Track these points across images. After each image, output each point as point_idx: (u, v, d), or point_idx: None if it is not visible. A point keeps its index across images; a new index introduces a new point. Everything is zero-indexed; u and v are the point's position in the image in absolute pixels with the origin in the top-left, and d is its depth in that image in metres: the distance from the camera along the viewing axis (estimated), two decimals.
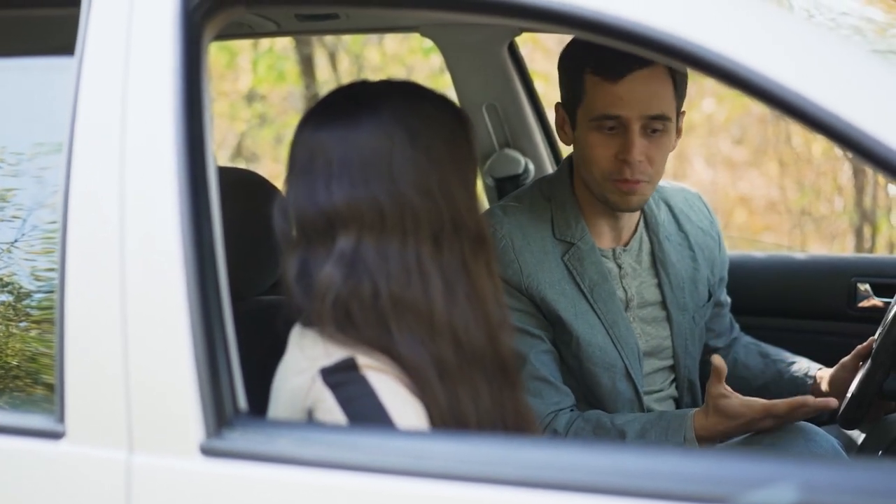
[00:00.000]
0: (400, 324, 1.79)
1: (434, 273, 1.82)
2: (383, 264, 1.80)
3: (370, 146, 1.83)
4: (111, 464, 1.77)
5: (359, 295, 1.79)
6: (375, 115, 1.85)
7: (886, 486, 1.47)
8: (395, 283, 1.79)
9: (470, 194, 1.90)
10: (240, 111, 10.11)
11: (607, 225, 2.70)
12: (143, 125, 1.81)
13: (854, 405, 2.60)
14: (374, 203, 1.81)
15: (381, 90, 1.92)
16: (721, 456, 1.64)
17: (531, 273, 2.60)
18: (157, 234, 1.78)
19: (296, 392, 1.79)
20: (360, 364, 1.77)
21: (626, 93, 2.51)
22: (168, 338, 1.76)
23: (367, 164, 1.82)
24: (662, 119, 2.53)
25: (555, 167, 3.77)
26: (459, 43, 3.59)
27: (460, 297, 1.83)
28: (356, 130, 1.84)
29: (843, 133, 1.53)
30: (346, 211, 1.81)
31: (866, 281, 3.44)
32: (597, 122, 2.54)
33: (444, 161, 1.86)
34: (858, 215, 9.56)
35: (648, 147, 2.53)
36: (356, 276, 1.79)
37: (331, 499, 1.68)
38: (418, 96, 1.92)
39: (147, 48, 1.83)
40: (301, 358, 1.82)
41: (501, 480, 1.60)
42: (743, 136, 11.12)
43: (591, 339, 2.62)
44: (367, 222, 1.80)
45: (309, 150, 1.87)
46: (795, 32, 1.62)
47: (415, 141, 1.84)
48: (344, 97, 1.92)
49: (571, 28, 1.72)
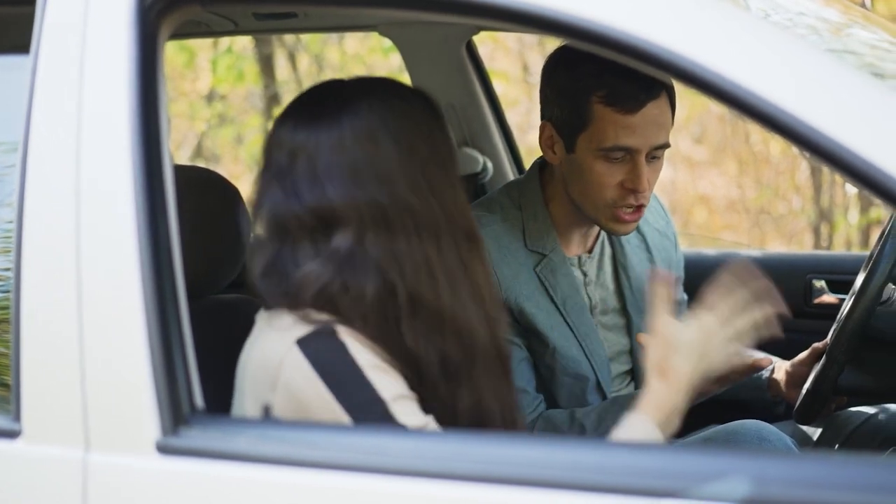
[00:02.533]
0: (412, 322, 1.80)
1: (439, 270, 1.83)
2: (395, 263, 1.81)
3: (354, 148, 1.83)
4: (67, 462, 1.77)
5: (359, 292, 1.79)
6: (356, 116, 1.85)
7: (838, 479, 1.49)
8: (409, 281, 1.81)
9: (456, 190, 1.91)
10: (199, 111, 10.09)
11: (578, 234, 2.70)
12: (98, 123, 1.80)
13: (809, 400, 2.62)
14: (373, 203, 1.81)
15: (358, 89, 1.91)
16: (674, 450, 1.65)
17: (509, 286, 2.59)
18: (114, 233, 1.77)
19: (267, 365, 1.79)
20: (338, 330, 1.78)
21: (640, 125, 2.48)
22: (124, 336, 1.75)
23: (354, 166, 1.82)
24: (664, 147, 2.53)
25: (513, 166, 3.79)
26: (418, 42, 3.60)
27: (462, 292, 1.85)
28: (338, 132, 1.84)
29: (801, 134, 1.54)
30: (341, 210, 1.81)
31: (822, 278, 3.47)
32: (606, 152, 2.50)
33: (426, 159, 1.87)
34: (816, 214, 9.63)
35: (650, 173, 2.53)
36: (353, 273, 1.80)
37: (289, 496, 1.68)
38: (394, 93, 1.92)
39: (102, 46, 1.82)
40: (271, 332, 1.82)
41: (460, 476, 1.61)
42: (702, 136, 11.17)
43: (565, 352, 2.62)
44: (369, 222, 1.81)
45: (288, 151, 1.86)
46: (751, 31, 1.63)
47: (398, 141, 1.85)
48: (321, 96, 1.92)
49: (528, 27, 1.73)
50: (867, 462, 1.56)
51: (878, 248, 2.53)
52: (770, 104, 1.55)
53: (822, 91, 1.56)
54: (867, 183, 1.52)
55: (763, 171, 10.54)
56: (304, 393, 1.76)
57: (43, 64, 1.85)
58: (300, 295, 1.81)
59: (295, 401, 1.77)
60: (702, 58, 1.58)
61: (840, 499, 1.46)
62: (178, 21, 1.88)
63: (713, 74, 1.58)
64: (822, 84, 1.57)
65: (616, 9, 1.63)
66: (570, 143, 2.56)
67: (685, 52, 1.59)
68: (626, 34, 1.62)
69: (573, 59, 2.53)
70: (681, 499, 1.50)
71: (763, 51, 1.59)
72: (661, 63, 1.62)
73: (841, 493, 1.47)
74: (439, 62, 3.62)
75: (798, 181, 10.20)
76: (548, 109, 2.61)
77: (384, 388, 1.77)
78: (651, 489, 1.52)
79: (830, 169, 1.55)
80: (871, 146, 1.51)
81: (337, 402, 1.75)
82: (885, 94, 1.58)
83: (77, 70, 1.83)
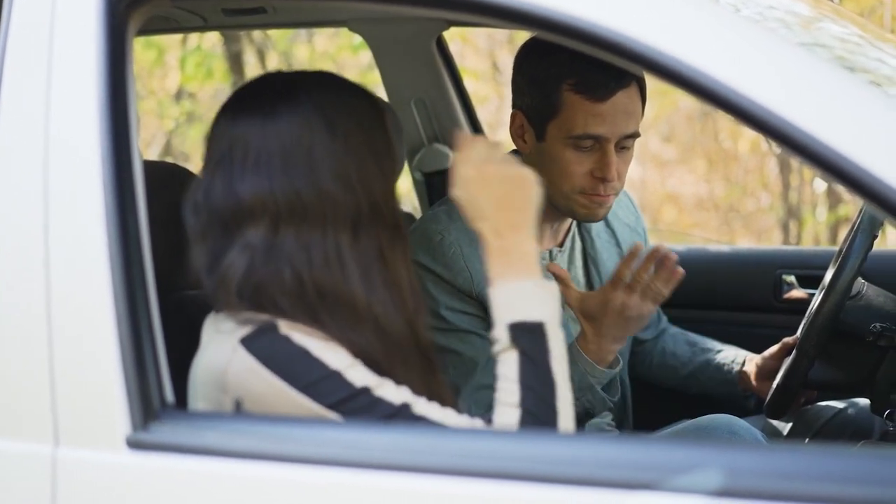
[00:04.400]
0: (327, 312, 1.80)
1: (352, 261, 1.83)
2: (303, 253, 1.81)
3: (289, 136, 1.83)
4: (37, 458, 1.76)
5: (278, 283, 1.80)
6: (293, 105, 1.85)
7: (808, 471, 1.49)
8: (316, 271, 1.80)
9: (387, 182, 1.91)
10: (168, 109, 10.06)
11: (550, 228, 2.70)
12: (66, 118, 1.79)
13: (780, 395, 2.63)
14: (292, 193, 1.81)
15: (297, 80, 1.92)
16: (645, 442, 1.65)
17: (481, 280, 2.58)
18: (83, 228, 1.76)
19: (214, 368, 1.79)
20: (280, 325, 1.78)
21: (609, 113, 2.48)
22: (94, 331, 1.74)
23: (286, 154, 1.83)
24: (634, 136, 2.54)
25: None
26: (388, 38, 3.59)
27: (378, 284, 1.84)
28: (274, 120, 1.85)
29: (774, 126, 1.55)
30: (258, 201, 1.81)
31: (791, 273, 3.48)
32: (575, 139, 2.51)
33: (361, 149, 1.87)
34: (785, 211, 9.68)
35: (619, 163, 2.53)
36: (271, 264, 1.80)
37: (259, 491, 1.67)
38: (334, 85, 1.93)
39: (70, 41, 1.81)
40: (216, 335, 1.83)
41: (431, 469, 1.61)
42: (671, 134, 11.21)
43: None
44: (284, 212, 1.81)
45: (226, 141, 1.86)
46: (722, 25, 1.64)
47: (333, 129, 1.85)
48: (260, 87, 1.93)
49: (501, 20, 1.73)
50: (837, 453, 1.57)
51: (847, 244, 2.54)
52: (741, 96, 1.56)
53: (797, 85, 1.57)
54: (839, 175, 1.53)
55: (732, 169, 10.60)
56: (258, 389, 1.76)
57: (10, 59, 1.84)
58: (226, 287, 1.81)
59: (248, 399, 1.76)
60: (676, 51, 1.59)
61: (812, 490, 1.47)
62: (147, 15, 1.88)
63: (688, 68, 1.58)
64: (798, 78, 1.58)
65: (583, 1, 1.64)
66: (541, 131, 2.56)
67: (659, 45, 1.60)
68: (593, 25, 1.62)
69: (545, 48, 2.53)
70: (653, 491, 1.50)
71: (733, 44, 1.60)
72: (633, 56, 1.62)
73: (812, 485, 1.47)
74: (409, 58, 3.61)
75: (767, 179, 10.25)
76: (519, 98, 2.62)
77: (334, 361, 1.77)
78: (623, 481, 1.52)
79: (804, 164, 1.56)
80: (847, 140, 1.52)
81: (292, 388, 1.74)
82: (859, 88, 1.59)
83: (45, 65, 1.82)
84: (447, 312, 2.53)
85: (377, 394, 1.76)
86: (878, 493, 1.45)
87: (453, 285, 2.55)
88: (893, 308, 2.61)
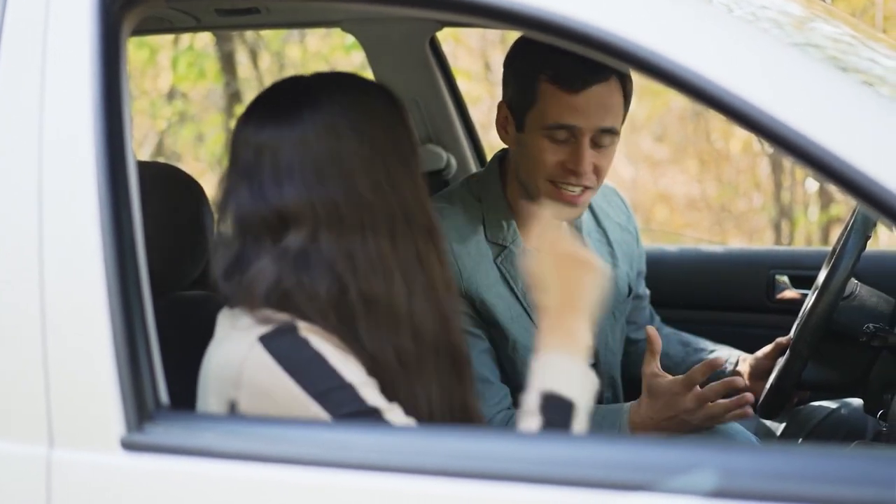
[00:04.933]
0: (367, 320, 1.81)
1: (395, 267, 1.83)
2: (348, 261, 1.81)
3: (318, 144, 1.83)
4: (31, 460, 1.75)
5: (311, 290, 1.79)
6: (318, 111, 1.85)
7: (802, 471, 1.49)
8: (362, 279, 1.81)
9: (416, 184, 1.91)
10: (160, 109, 10.04)
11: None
12: (61, 119, 1.79)
13: (773, 395, 2.63)
14: (329, 201, 1.81)
15: (319, 84, 1.92)
16: (640, 443, 1.65)
17: (470, 276, 2.60)
18: (77, 229, 1.76)
19: (229, 363, 1.79)
20: (300, 327, 1.78)
21: (583, 105, 2.50)
22: (88, 332, 1.74)
23: (317, 162, 1.83)
24: (612, 132, 2.54)
25: (476, 162, 3.79)
26: (381, 38, 3.59)
27: (418, 289, 1.85)
28: (301, 128, 1.84)
29: (767, 126, 1.55)
30: (297, 209, 1.81)
31: (784, 273, 3.48)
32: (549, 130, 2.53)
33: (387, 152, 1.87)
34: (777, 211, 9.69)
35: (596, 157, 2.53)
36: (307, 272, 1.80)
37: (255, 492, 1.67)
38: (354, 87, 1.93)
39: (65, 42, 1.81)
40: (232, 331, 1.82)
41: (428, 471, 1.61)
42: (663, 134, 11.22)
43: (526, 343, 2.61)
44: (324, 220, 1.81)
45: (253, 149, 1.86)
46: (715, 25, 1.64)
47: (360, 135, 1.85)
48: (283, 93, 1.92)
49: (492, 21, 1.73)
50: (831, 454, 1.57)
51: (840, 244, 2.54)
52: (735, 96, 1.56)
53: (790, 85, 1.57)
54: (831, 175, 1.53)
55: (724, 169, 10.60)
56: (270, 388, 1.76)
57: (4, 60, 1.84)
58: (252, 292, 1.81)
59: (260, 397, 1.76)
60: (669, 51, 1.59)
61: (805, 490, 1.47)
62: (141, 16, 1.88)
63: (681, 68, 1.59)
64: (790, 78, 1.58)
65: (579, 1, 1.64)
66: (521, 122, 2.60)
67: (651, 45, 1.60)
68: (587, 25, 1.63)
69: (529, 41, 2.58)
70: (649, 492, 1.50)
71: (728, 45, 1.61)
72: (626, 56, 1.62)
73: (805, 485, 1.48)
74: (403, 59, 3.61)
75: (759, 179, 10.26)
76: (505, 91, 2.66)
77: (350, 374, 1.77)
78: (619, 483, 1.52)
79: (798, 164, 1.56)
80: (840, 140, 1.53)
81: (305, 393, 1.74)
82: (851, 88, 1.59)
83: (38, 65, 1.81)
84: None
85: (387, 417, 1.76)
86: (872, 493, 1.45)
87: None
88: (886, 308, 2.61)
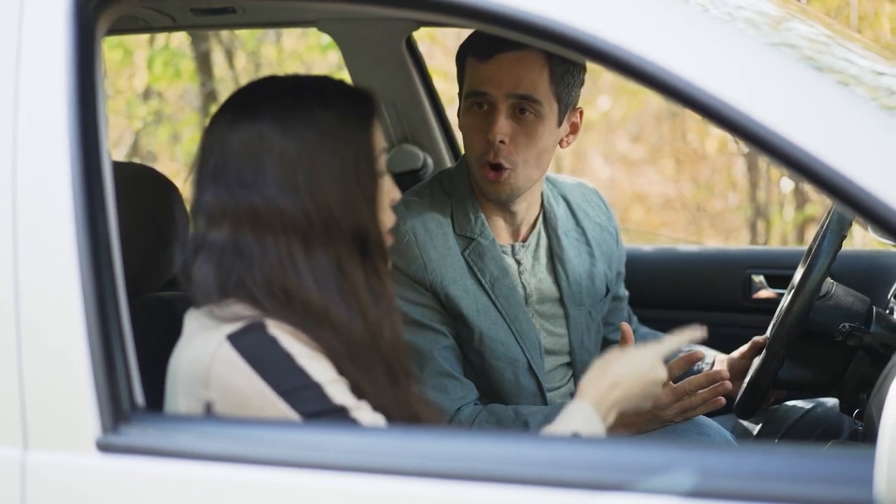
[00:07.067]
0: (294, 310, 1.82)
1: (306, 270, 1.84)
2: (262, 255, 1.83)
3: (242, 145, 1.86)
4: (5, 462, 1.75)
5: (250, 280, 1.82)
6: (251, 114, 1.88)
7: (778, 470, 1.50)
8: (274, 271, 1.82)
9: (348, 190, 1.88)
10: (136, 109, 10.00)
11: (503, 220, 2.72)
12: (35, 119, 1.78)
13: (749, 394, 2.64)
14: (246, 202, 1.84)
15: (262, 90, 1.96)
16: (617, 444, 1.65)
17: (435, 269, 2.61)
18: (52, 229, 1.75)
19: (198, 362, 1.79)
20: (268, 325, 1.79)
21: (493, 71, 2.57)
22: (63, 333, 1.74)
23: (239, 163, 1.85)
24: (531, 100, 2.56)
25: (453, 162, 3.79)
26: (357, 38, 3.58)
27: (333, 292, 1.85)
28: (231, 131, 1.88)
29: (743, 125, 1.56)
30: (216, 207, 1.85)
31: (760, 273, 3.50)
32: (469, 100, 2.61)
33: (316, 155, 1.86)
34: (753, 210, 9.71)
35: (516, 129, 2.57)
36: (238, 265, 1.83)
37: (230, 493, 1.67)
38: (307, 88, 1.94)
39: (39, 42, 1.80)
40: (200, 330, 1.83)
41: (403, 472, 1.61)
42: (640, 134, 11.23)
43: (493, 335, 2.63)
44: (244, 219, 1.84)
45: (199, 149, 1.91)
46: (691, 24, 1.65)
47: (286, 136, 1.86)
48: (239, 96, 1.95)
49: (468, 20, 1.74)
50: (807, 453, 1.57)
51: (816, 244, 2.55)
52: (714, 97, 1.57)
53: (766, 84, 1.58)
54: (807, 174, 1.54)
55: (700, 169, 10.62)
56: (238, 386, 1.76)
57: None
58: (199, 288, 1.85)
59: (229, 395, 1.76)
60: (645, 51, 1.60)
61: (782, 490, 1.48)
62: (117, 15, 1.87)
63: (657, 68, 1.59)
64: (766, 77, 1.59)
65: (556, 1, 1.64)
66: (461, 105, 2.68)
67: (627, 45, 1.61)
68: (559, 24, 1.63)
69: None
70: (624, 492, 1.50)
71: (702, 44, 1.61)
72: (602, 56, 1.63)
73: (782, 485, 1.48)
74: (379, 58, 3.61)
75: (734, 178, 10.28)
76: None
77: (317, 373, 1.78)
78: (596, 483, 1.53)
79: (771, 163, 1.57)
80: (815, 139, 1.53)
81: (272, 391, 1.75)
82: (827, 88, 1.60)
83: (13, 65, 1.81)
84: (401, 303, 2.54)
85: (353, 415, 1.77)
86: (848, 492, 1.46)
87: (407, 275, 2.59)
88: (862, 308, 2.62)
